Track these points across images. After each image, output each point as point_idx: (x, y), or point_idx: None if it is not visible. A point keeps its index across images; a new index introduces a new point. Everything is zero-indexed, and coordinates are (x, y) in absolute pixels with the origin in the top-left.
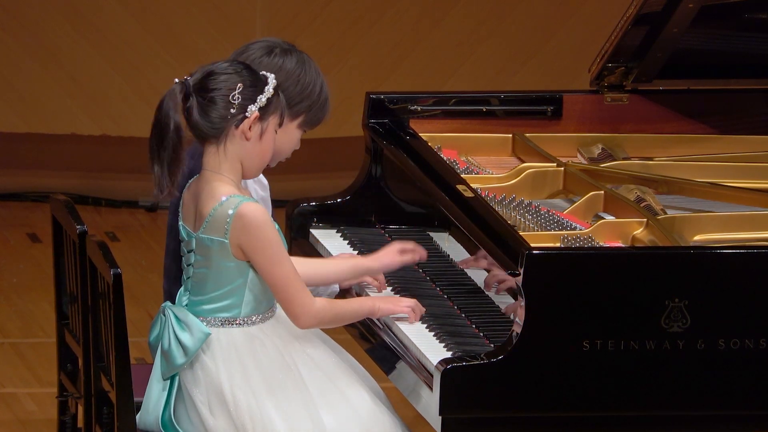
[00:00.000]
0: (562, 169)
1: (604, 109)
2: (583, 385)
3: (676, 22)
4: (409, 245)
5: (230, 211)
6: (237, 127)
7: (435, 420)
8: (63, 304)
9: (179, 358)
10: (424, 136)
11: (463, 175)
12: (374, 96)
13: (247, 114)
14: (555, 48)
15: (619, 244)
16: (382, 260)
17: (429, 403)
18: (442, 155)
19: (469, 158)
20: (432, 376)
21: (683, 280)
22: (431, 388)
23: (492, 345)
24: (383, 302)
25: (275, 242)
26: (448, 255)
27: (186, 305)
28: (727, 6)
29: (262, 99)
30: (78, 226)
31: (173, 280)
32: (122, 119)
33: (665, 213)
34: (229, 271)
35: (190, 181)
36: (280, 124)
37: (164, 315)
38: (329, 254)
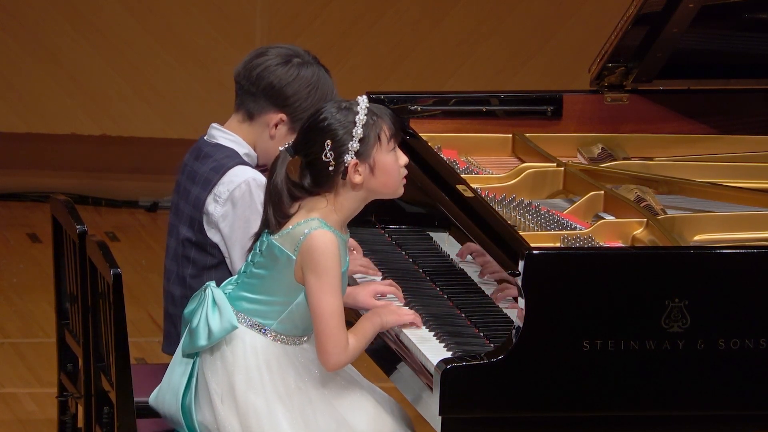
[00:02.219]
0: (562, 169)
1: (604, 109)
2: (583, 385)
3: (676, 22)
4: (387, 289)
5: (306, 231)
6: (344, 178)
7: (435, 420)
8: (63, 304)
9: (203, 339)
10: (424, 136)
11: (463, 175)
12: (374, 96)
13: (346, 164)
14: (555, 48)
15: (619, 244)
16: (356, 298)
17: (429, 403)
18: (442, 155)
19: (469, 158)
20: (432, 376)
21: (683, 280)
22: (431, 389)
23: (492, 345)
24: (389, 316)
25: (333, 274)
26: (448, 255)
27: (228, 293)
28: (727, 6)
29: (353, 145)
30: (78, 226)
31: (173, 281)
32: (122, 119)
33: (665, 213)
34: (283, 285)
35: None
36: (393, 148)
37: (204, 293)
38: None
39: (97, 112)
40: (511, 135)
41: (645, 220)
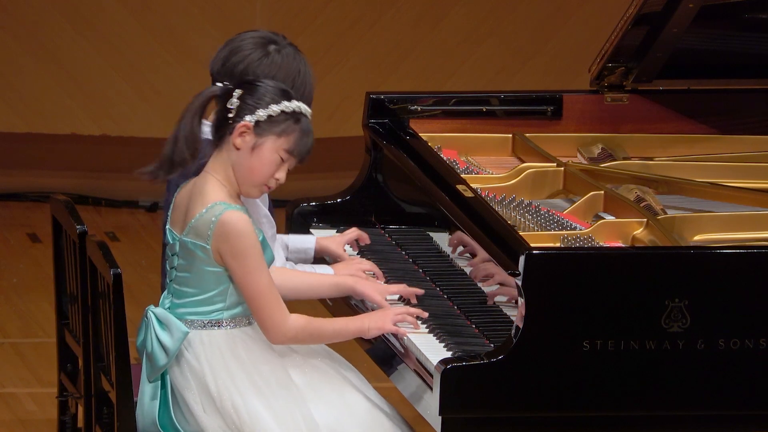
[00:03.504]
0: (562, 169)
1: (604, 109)
2: (583, 385)
3: (676, 22)
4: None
5: (213, 218)
6: (231, 134)
7: (435, 420)
8: (63, 304)
9: (161, 359)
10: (424, 136)
11: (463, 175)
12: (374, 96)
13: (241, 122)
14: (555, 48)
15: (619, 244)
16: (365, 290)
17: (429, 403)
18: (442, 155)
19: (469, 158)
20: (432, 376)
21: (683, 280)
22: (431, 388)
23: (492, 345)
24: (373, 321)
25: (253, 253)
26: (448, 255)
27: (168, 308)
28: (727, 6)
29: (260, 113)
30: (78, 226)
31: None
32: (122, 119)
33: (665, 213)
34: (211, 276)
35: (183, 184)
36: (286, 156)
37: (147, 317)
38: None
39: (97, 112)
40: (511, 135)
41: (645, 220)
